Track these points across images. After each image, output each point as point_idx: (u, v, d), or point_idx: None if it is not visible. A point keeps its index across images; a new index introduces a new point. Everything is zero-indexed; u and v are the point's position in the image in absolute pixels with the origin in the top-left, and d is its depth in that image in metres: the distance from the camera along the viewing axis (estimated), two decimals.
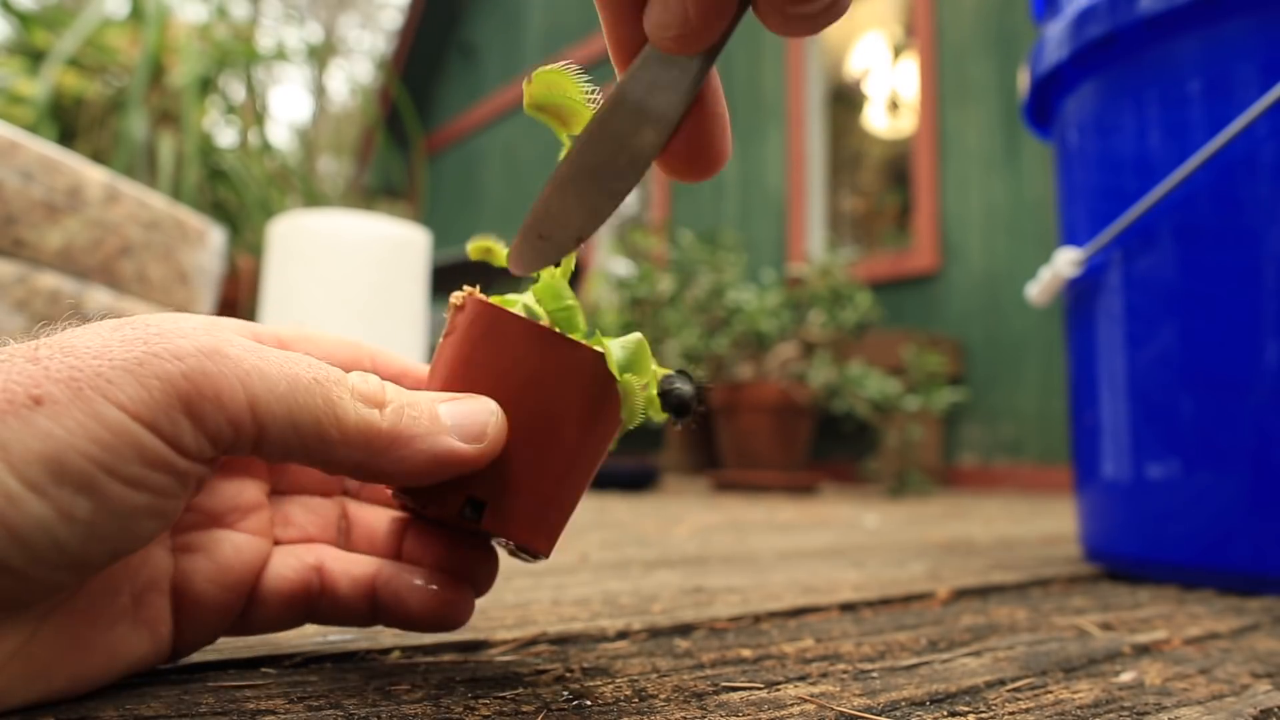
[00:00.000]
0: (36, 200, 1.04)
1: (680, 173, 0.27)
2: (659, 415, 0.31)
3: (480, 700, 0.29)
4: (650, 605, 0.50)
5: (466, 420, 0.27)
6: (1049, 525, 1.31)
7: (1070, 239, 0.75)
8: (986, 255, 3.20)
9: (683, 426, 0.31)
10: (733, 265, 2.83)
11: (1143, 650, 0.42)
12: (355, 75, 14.46)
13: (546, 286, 0.30)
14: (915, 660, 0.38)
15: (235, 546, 0.30)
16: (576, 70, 0.27)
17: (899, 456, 2.50)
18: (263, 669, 0.32)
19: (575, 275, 0.31)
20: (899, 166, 3.89)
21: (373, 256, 1.68)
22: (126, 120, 2.29)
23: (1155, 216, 0.65)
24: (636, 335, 0.31)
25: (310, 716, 0.26)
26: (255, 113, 2.96)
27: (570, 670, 0.34)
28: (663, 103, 0.25)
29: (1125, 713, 0.30)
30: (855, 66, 4.09)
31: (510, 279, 0.29)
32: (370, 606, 0.32)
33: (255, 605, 0.31)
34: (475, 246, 0.31)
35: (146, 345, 0.22)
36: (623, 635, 0.41)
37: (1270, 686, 0.35)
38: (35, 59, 2.44)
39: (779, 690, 0.32)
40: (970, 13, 3.33)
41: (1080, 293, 0.74)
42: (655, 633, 0.42)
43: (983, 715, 0.29)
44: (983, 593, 0.60)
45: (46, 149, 1.07)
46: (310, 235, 1.66)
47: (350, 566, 0.32)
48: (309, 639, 0.37)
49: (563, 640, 0.40)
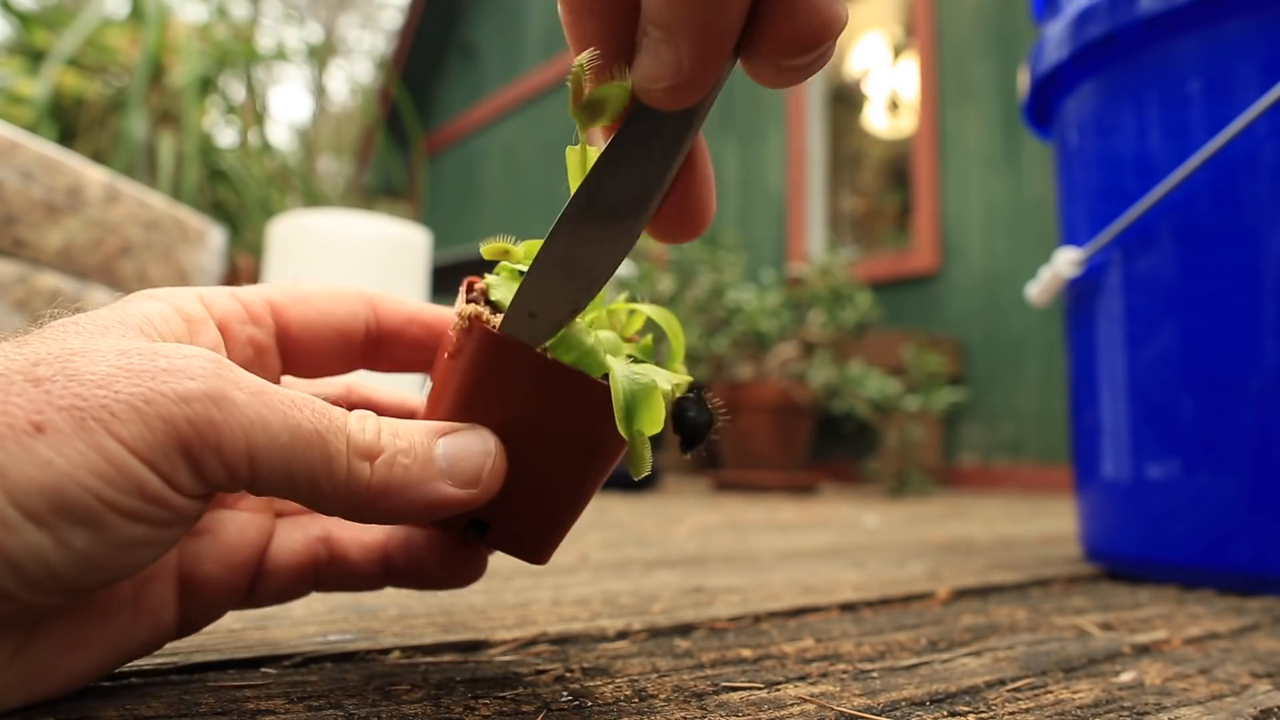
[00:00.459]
0: (36, 200, 1.04)
1: (666, 237, 0.27)
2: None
3: (480, 700, 0.29)
4: (650, 605, 0.50)
5: (462, 463, 0.27)
6: (1049, 525, 1.31)
7: (1070, 239, 0.75)
8: (986, 255, 3.20)
9: (693, 454, 0.30)
10: (733, 265, 2.83)
11: (1143, 650, 0.42)
12: (355, 75, 14.47)
13: (561, 339, 0.28)
14: (915, 660, 0.38)
15: (239, 526, 0.30)
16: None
17: (899, 456, 2.50)
18: (263, 669, 0.32)
19: None
20: (899, 166, 3.89)
21: (373, 256, 1.68)
22: (126, 120, 2.29)
23: (1155, 216, 0.65)
24: (648, 342, 0.30)
25: (310, 716, 0.26)
26: (255, 113, 2.97)
27: (570, 670, 0.34)
28: (640, 192, 0.24)
29: (1125, 713, 0.30)
30: (855, 66, 4.10)
31: None
32: (382, 570, 0.33)
33: (262, 580, 0.31)
34: (491, 248, 0.30)
35: (154, 382, 0.22)
36: (623, 635, 0.41)
37: (1270, 686, 0.35)
38: (35, 59, 2.44)
39: (779, 690, 0.32)
40: (970, 13, 3.33)
41: (1080, 293, 0.74)
42: (655, 633, 0.42)
43: (983, 715, 0.29)
44: (983, 593, 0.60)
45: (46, 149, 1.07)
46: (310, 235, 1.66)
47: (359, 533, 0.33)
48: (309, 639, 0.37)
49: (563, 640, 0.40)
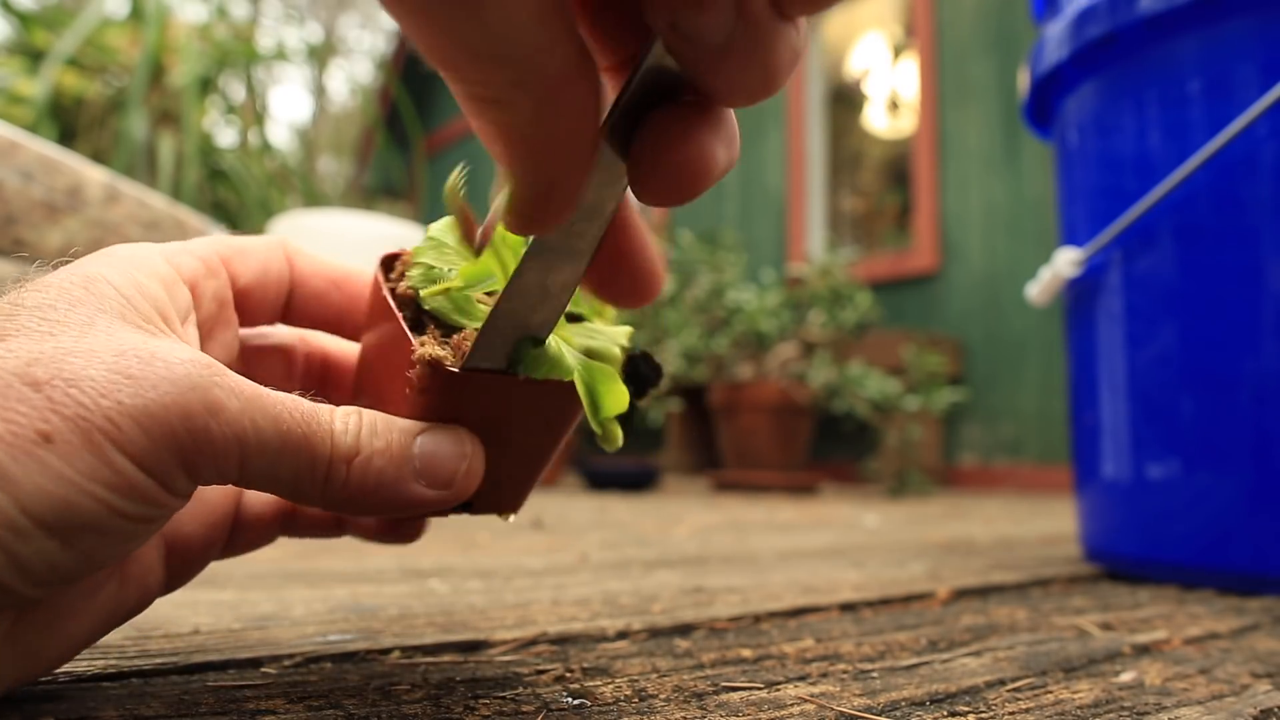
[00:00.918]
0: (36, 200, 1.04)
1: (617, 303, 0.28)
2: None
3: (480, 700, 0.29)
4: (650, 605, 0.50)
5: (436, 465, 0.27)
6: (1049, 525, 1.31)
7: (1070, 239, 0.75)
8: (986, 255, 3.20)
9: (642, 402, 0.31)
10: (733, 265, 2.83)
11: (1143, 650, 0.42)
12: (355, 75, 14.46)
13: (531, 356, 0.27)
14: (915, 660, 0.38)
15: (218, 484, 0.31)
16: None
17: (899, 456, 2.50)
18: (263, 669, 0.32)
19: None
20: (899, 166, 3.89)
21: (373, 256, 1.68)
22: (126, 120, 2.29)
23: (1155, 216, 0.65)
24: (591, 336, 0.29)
25: (310, 716, 0.26)
26: (255, 113, 2.97)
27: (570, 670, 0.34)
28: (561, 280, 0.25)
29: (1125, 713, 0.30)
30: (855, 66, 4.10)
31: None
32: (335, 521, 0.34)
33: (237, 532, 0.32)
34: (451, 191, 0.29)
35: (155, 393, 0.22)
36: (623, 635, 0.41)
37: (1270, 686, 0.35)
38: (35, 59, 2.44)
39: (779, 690, 0.32)
40: (970, 13, 3.33)
41: (1080, 293, 0.74)
42: (655, 633, 0.42)
43: (983, 715, 0.29)
44: (983, 593, 0.60)
45: (46, 149, 1.07)
46: (310, 235, 1.66)
47: None
48: (309, 639, 0.37)
49: (563, 640, 0.40)
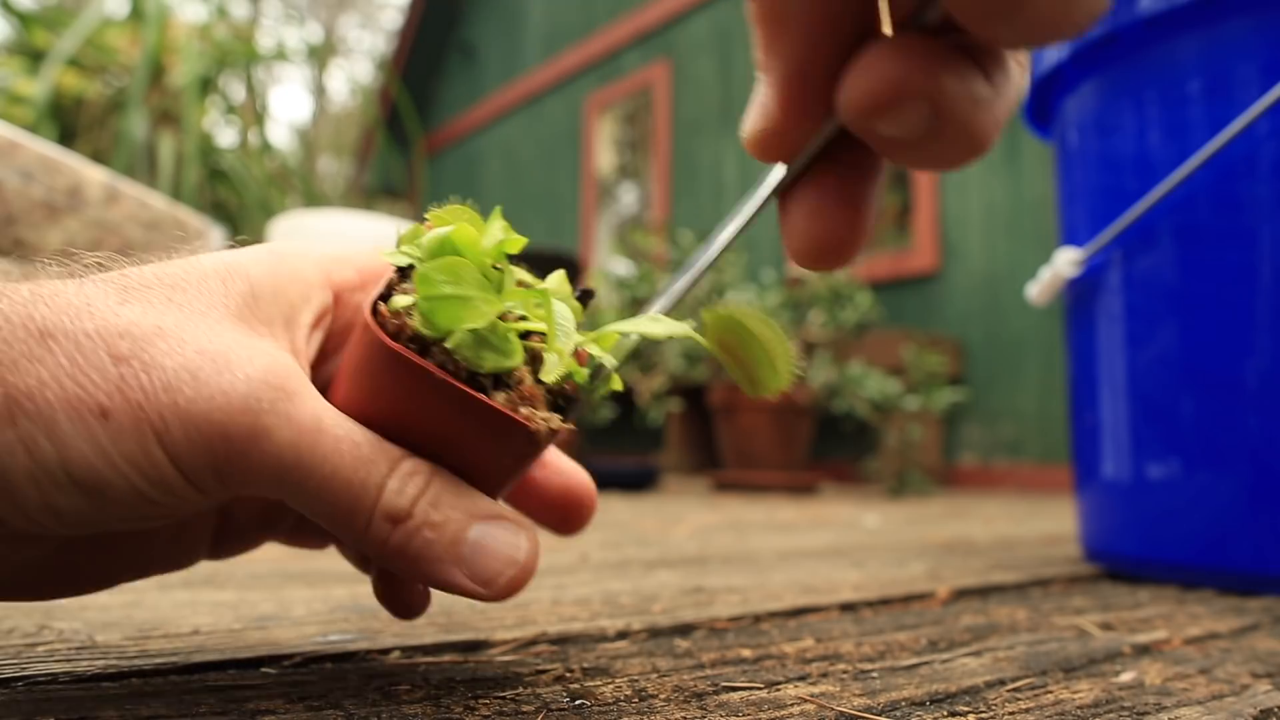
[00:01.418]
0: (36, 200, 1.04)
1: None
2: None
3: (480, 700, 0.29)
4: (650, 605, 0.50)
5: (485, 560, 0.26)
6: (1049, 525, 1.31)
7: (1070, 239, 0.75)
8: (986, 255, 3.20)
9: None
10: (733, 265, 2.83)
11: (1143, 650, 0.42)
12: (355, 75, 14.47)
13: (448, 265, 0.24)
14: (915, 660, 0.38)
15: None
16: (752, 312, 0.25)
17: (899, 456, 2.50)
18: (263, 669, 0.32)
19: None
20: (899, 166, 3.88)
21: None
22: (126, 120, 2.29)
23: (1155, 216, 0.65)
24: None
25: (310, 716, 0.26)
26: (255, 113, 2.97)
27: (570, 670, 0.34)
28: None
29: (1125, 713, 0.30)
30: None
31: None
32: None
33: (285, 516, 0.33)
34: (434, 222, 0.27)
35: (209, 405, 0.23)
36: (623, 635, 0.41)
37: (1270, 686, 0.35)
38: (35, 59, 2.44)
39: (779, 690, 0.32)
40: None
41: (1080, 293, 0.74)
42: (655, 633, 0.42)
43: (983, 715, 0.29)
44: (983, 593, 0.60)
45: (46, 149, 1.07)
46: (310, 235, 1.66)
47: None
48: (309, 639, 0.37)
49: (563, 640, 0.40)
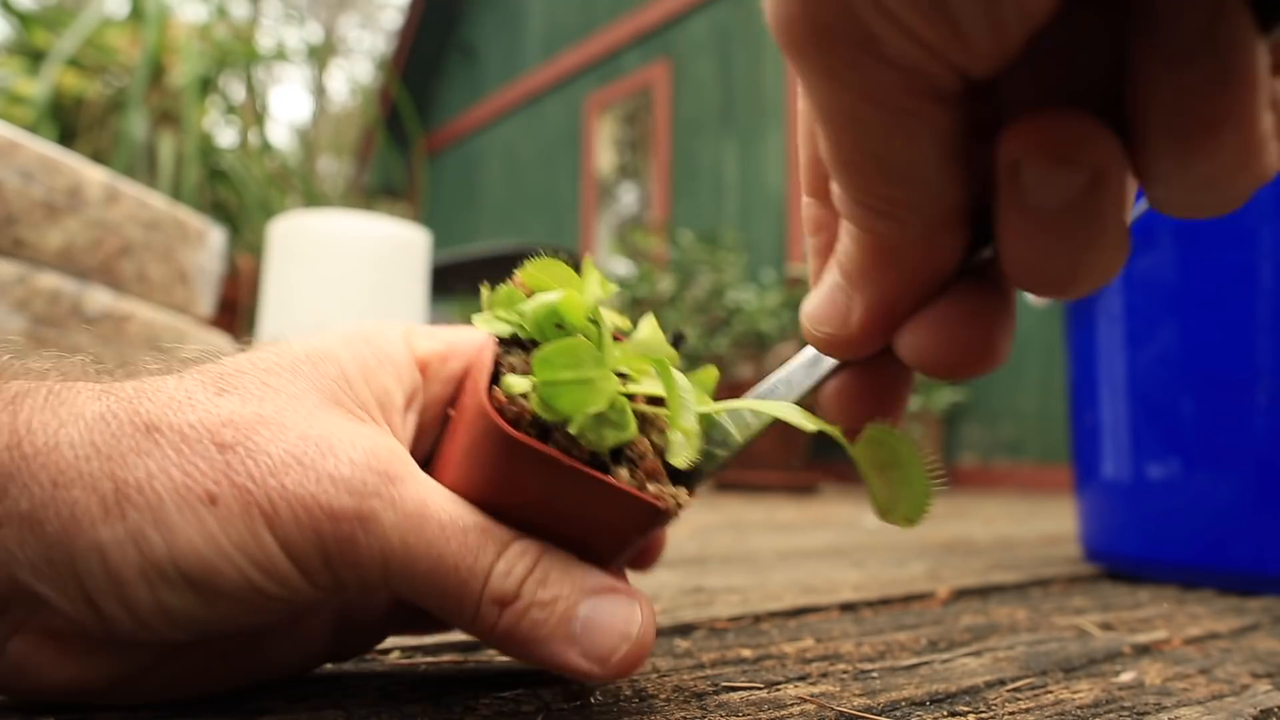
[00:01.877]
0: (36, 200, 1.04)
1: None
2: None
3: (480, 700, 0.29)
4: None
5: (598, 637, 0.25)
6: (1049, 525, 1.31)
7: None
8: None
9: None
10: (733, 265, 2.83)
11: (1143, 650, 0.42)
12: (355, 75, 14.47)
13: (564, 349, 0.23)
14: (915, 660, 0.38)
15: None
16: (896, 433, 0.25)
17: None
18: None
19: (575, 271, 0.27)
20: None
21: (373, 256, 1.68)
22: (126, 120, 2.29)
23: (1155, 216, 0.65)
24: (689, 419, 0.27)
25: (310, 716, 0.26)
26: (255, 113, 2.96)
27: None
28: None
29: (1125, 713, 0.30)
30: None
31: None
32: None
33: (405, 610, 0.32)
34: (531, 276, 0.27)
35: (316, 487, 0.23)
36: None
37: (1270, 686, 0.35)
38: (35, 59, 2.44)
39: (779, 690, 0.32)
40: None
41: None
42: (655, 633, 0.42)
43: (983, 715, 0.29)
44: (983, 593, 0.60)
45: (46, 149, 1.07)
46: (310, 235, 1.66)
47: None
48: None
49: None
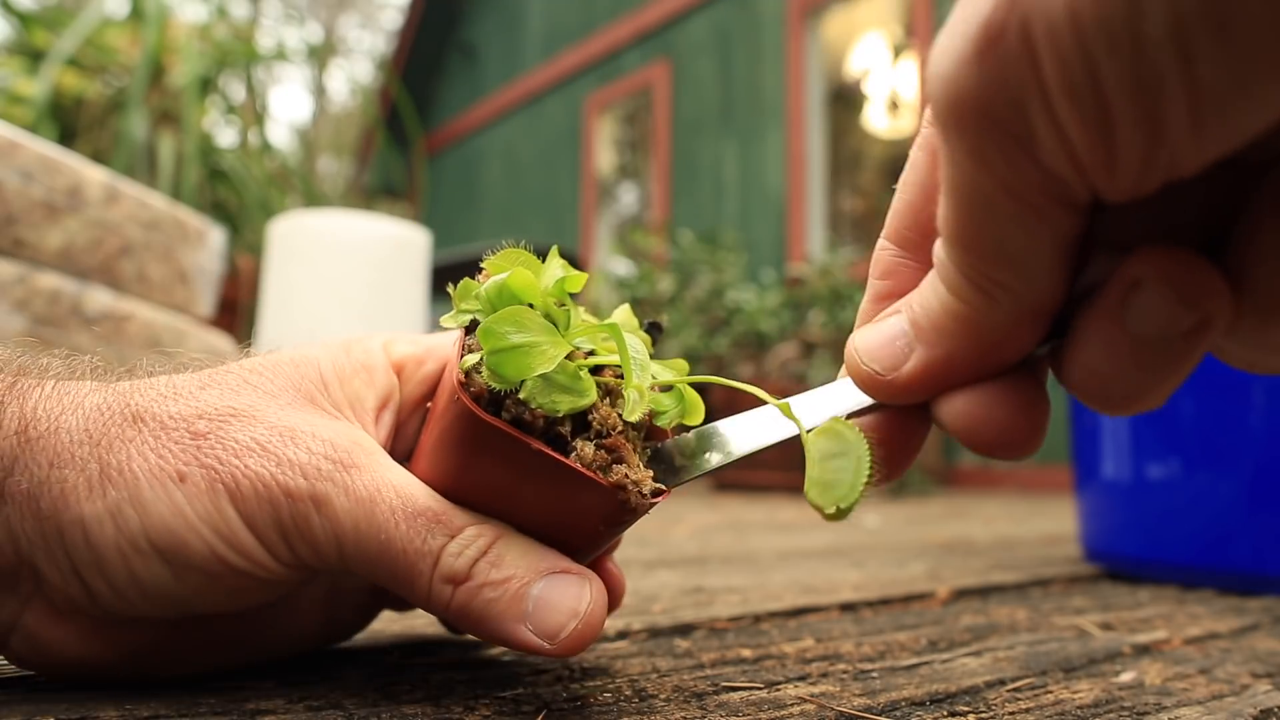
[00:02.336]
0: (36, 200, 1.04)
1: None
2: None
3: (480, 700, 0.29)
4: (650, 605, 0.50)
5: (548, 614, 0.26)
6: (1049, 525, 1.31)
7: None
8: None
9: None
10: (733, 265, 2.83)
11: (1143, 650, 0.42)
12: (355, 75, 14.47)
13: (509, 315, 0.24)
14: (915, 660, 0.38)
15: None
16: None
17: None
18: (262, 669, 0.32)
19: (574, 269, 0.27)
20: (899, 166, 3.87)
21: (373, 256, 1.68)
22: (126, 120, 2.29)
23: None
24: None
25: (310, 716, 0.26)
26: (255, 113, 2.96)
27: (570, 670, 0.34)
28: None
29: (1125, 713, 0.30)
30: (855, 67, 4.09)
31: None
32: None
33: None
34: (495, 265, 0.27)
35: (276, 469, 0.25)
36: (623, 635, 0.41)
37: (1270, 686, 0.35)
38: (35, 59, 2.44)
39: (779, 690, 0.32)
40: None
41: None
42: (655, 633, 0.42)
43: (983, 715, 0.29)
44: (983, 593, 0.60)
45: (46, 149, 1.07)
46: (310, 235, 1.66)
47: None
48: None
49: None
